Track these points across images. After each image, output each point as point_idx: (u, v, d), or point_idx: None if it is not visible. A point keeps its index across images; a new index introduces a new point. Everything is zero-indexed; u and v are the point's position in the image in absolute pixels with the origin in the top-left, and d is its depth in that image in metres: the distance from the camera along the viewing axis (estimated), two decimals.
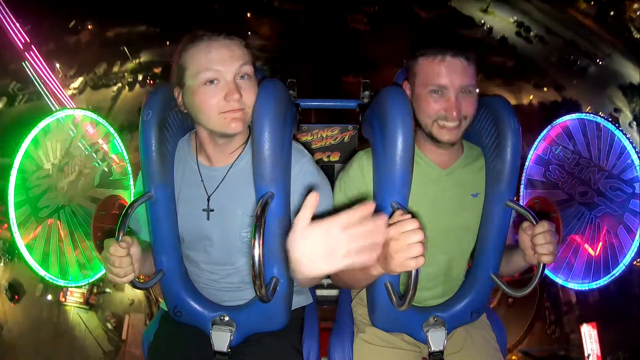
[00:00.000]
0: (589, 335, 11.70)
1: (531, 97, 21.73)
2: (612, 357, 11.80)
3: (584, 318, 12.01)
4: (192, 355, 1.12)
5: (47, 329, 12.93)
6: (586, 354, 11.70)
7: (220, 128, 0.97)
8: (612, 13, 25.17)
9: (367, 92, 1.51)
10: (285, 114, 1.01)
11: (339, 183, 1.16)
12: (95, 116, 3.06)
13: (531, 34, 25.57)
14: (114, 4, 24.46)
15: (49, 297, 13.52)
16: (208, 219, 1.07)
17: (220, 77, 0.94)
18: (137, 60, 23.64)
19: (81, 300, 13.57)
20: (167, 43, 22.66)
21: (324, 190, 1.11)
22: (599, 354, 11.70)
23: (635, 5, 24.57)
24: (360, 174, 1.11)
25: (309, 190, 1.05)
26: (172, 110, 1.07)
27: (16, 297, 13.61)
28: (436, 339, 1.13)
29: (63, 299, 13.55)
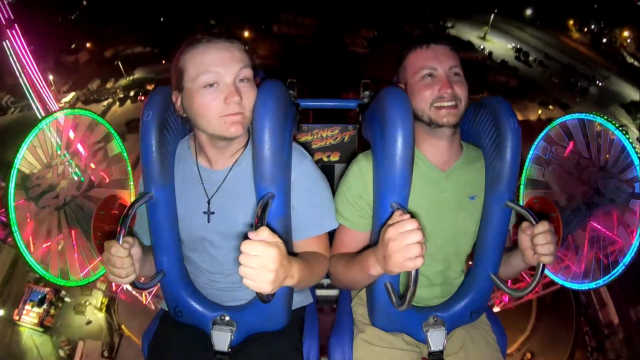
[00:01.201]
0: None
1: (539, 112, 22.12)
2: None
3: (636, 337, 10.42)
4: (193, 355, 1.12)
5: None
6: None
7: (219, 132, 0.96)
8: (604, 40, 26.54)
9: (367, 92, 1.51)
10: (285, 114, 1.01)
11: (340, 187, 1.16)
12: (95, 116, 3.06)
13: (530, 58, 26.47)
14: (114, 26, 25.19)
15: (1, 312, 12.07)
16: (209, 222, 1.07)
17: (220, 80, 0.93)
18: (131, 77, 23.88)
19: (36, 321, 12.09)
20: (163, 62, 22.94)
21: (323, 193, 1.11)
22: None
23: (625, 34, 25.81)
24: (360, 177, 1.11)
25: (310, 192, 1.06)
26: (172, 110, 1.07)
27: None
28: (436, 338, 1.13)
29: (17, 318, 12.10)
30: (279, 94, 0.99)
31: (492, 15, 26.50)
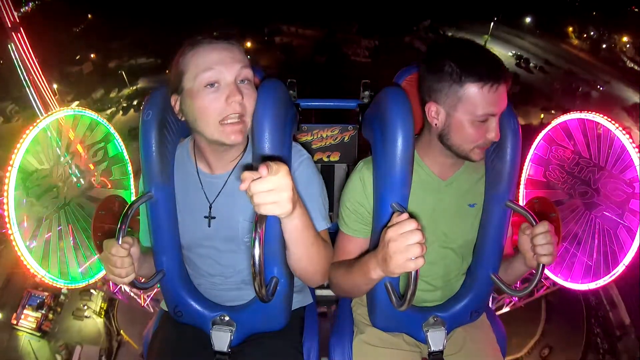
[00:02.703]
0: None
1: (542, 116, 22.16)
2: None
3: None
4: (193, 355, 1.12)
5: None
6: None
7: (218, 137, 0.94)
8: (604, 46, 26.59)
9: (367, 92, 1.51)
10: (286, 114, 1.01)
11: (342, 195, 1.16)
12: (95, 116, 3.06)
13: (530, 65, 26.39)
14: (118, 40, 25.35)
15: None
16: (209, 226, 1.07)
17: (221, 79, 0.92)
18: (135, 87, 23.99)
19: (34, 326, 11.95)
20: (166, 72, 22.96)
21: (321, 191, 1.11)
22: None
23: (624, 39, 25.86)
24: (361, 186, 1.10)
25: (308, 190, 1.05)
26: (172, 110, 1.06)
27: None
28: (436, 339, 1.13)
29: (15, 322, 12.03)
30: (279, 94, 0.99)
31: (492, 24, 26.45)
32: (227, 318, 1.11)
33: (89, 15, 28.12)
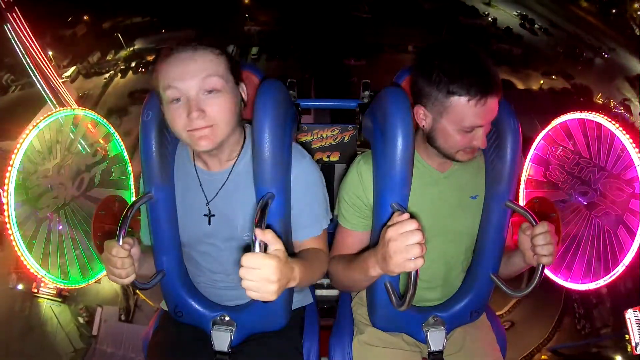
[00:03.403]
0: (637, 322, 9.93)
1: (541, 82, 21.58)
2: None
3: (624, 306, 10.51)
4: (193, 355, 1.12)
5: (18, 323, 11.98)
6: (634, 343, 10.04)
7: (190, 144, 0.94)
8: (613, 11, 25.50)
9: (367, 92, 1.51)
10: (285, 114, 1.01)
11: (340, 189, 1.17)
12: (95, 116, 3.07)
13: (535, 26, 25.63)
14: None
15: (20, 286, 12.38)
16: (209, 224, 1.07)
17: (182, 95, 0.90)
18: (131, 49, 23.55)
19: (54, 292, 12.50)
20: (162, 31, 22.44)
21: (323, 192, 1.11)
22: None
23: (636, 5, 24.93)
24: (358, 180, 1.11)
25: (310, 191, 1.06)
26: None
27: None
28: (436, 338, 1.14)
29: (35, 290, 12.41)
30: (279, 94, 0.99)
31: None
32: (227, 318, 1.11)
33: None
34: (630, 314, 10.19)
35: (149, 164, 1.03)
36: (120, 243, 0.89)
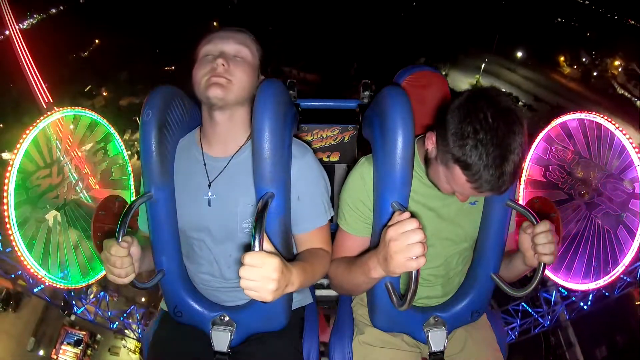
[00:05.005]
0: None
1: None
2: None
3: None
4: (193, 355, 1.12)
5: None
6: None
7: (203, 91, 1.00)
8: (595, 74, 26.88)
9: (367, 92, 1.51)
10: (285, 114, 1.01)
11: (342, 191, 1.16)
12: (95, 116, 3.06)
13: (520, 103, 26.60)
14: (128, 70, 25.27)
15: (41, 352, 12.27)
16: (210, 205, 1.07)
17: (217, 51, 1.03)
18: None
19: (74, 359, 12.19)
20: None
21: (325, 186, 1.12)
22: None
23: (616, 63, 26.30)
24: (361, 183, 1.10)
25: (313, 184, 1.06)
26: (172, 110, 1.07)
27: None
28: (436, 339, 1.13)
29: (55, 357, 12.16)
30: (278, 94, 0.99)
31: (483, 65, 26.45)
32: (227, 318, 1.11)
33: (96, 40, 27.86)
34: None
35: (149, 164, 1.03)
36: (120, 242, 0.89)
